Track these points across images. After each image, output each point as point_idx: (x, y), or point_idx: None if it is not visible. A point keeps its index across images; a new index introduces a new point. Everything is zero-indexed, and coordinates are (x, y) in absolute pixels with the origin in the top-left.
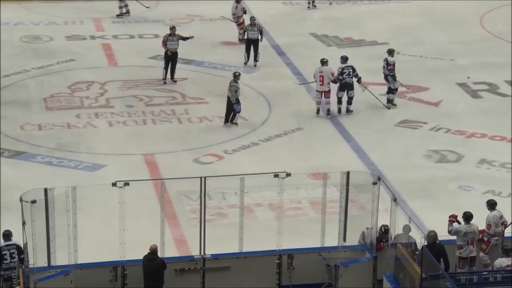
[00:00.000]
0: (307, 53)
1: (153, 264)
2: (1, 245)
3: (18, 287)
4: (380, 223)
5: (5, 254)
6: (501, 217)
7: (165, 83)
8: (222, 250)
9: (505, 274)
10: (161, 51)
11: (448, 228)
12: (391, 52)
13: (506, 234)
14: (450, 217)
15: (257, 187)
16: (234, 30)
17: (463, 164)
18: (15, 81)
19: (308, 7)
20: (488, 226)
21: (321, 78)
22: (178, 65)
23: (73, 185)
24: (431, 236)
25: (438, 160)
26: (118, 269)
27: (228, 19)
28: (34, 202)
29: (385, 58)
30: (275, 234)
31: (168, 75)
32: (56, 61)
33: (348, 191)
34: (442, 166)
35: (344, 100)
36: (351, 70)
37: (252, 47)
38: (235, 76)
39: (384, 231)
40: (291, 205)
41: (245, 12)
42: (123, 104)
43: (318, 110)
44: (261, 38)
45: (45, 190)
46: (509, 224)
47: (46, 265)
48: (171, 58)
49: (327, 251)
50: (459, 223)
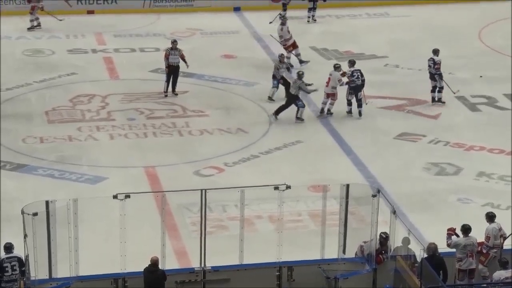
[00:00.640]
0: (307, 66)
1: (154, 276)
2: (2, 258)
3: None
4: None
5: (7, 267)
6: (500, 229)
7: (166, 96)
8: (223, 262)
9: (503, 287)
10: (162, 65)
11: (447, 242)
12: (436, 51)
13: (505, 247)
14: (448, 230)
15: (257, 200)
16: (234, 44)
17: (462, 177)
18: (17, 95)
19: (308, 21)
20: (487, 238)
21: (328, 80)
22: (179, 78)
23: (74, 198)
24: (431, 248)
25: (437, 172)
26: (119, 281)
27: (276, 39)
28: (35, 214)
29: (431, 58)
30: (275, 246)
31: (170, 88)
32: (58, 75)
33: (348, 203)
34: (441, 179)
35: (353, 103)
36: (359, 73)
37: None
38: (299, 76)
39: (385, 238)
40: (291, 218)
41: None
42: (124, 117)
43: (321, 110)
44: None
45: (47, 203)
46: (508, 236)
47: (48, 277)
48: (172, 72)
49: (327, 263)
50: (457, 236)
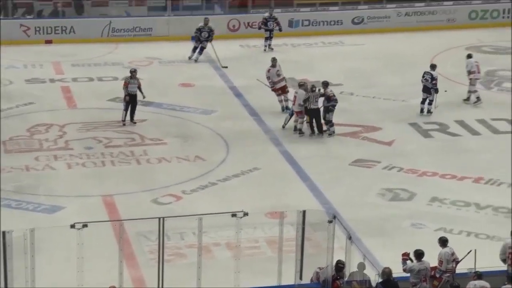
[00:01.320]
0: (264, 94)
1: None
2: None
3: None
4: (335, 261)
5: None
6: (453, 254)
7: (124, 124)
8: None
9: None
10: (121, 94)
11: (403, 267)
12: (433, 66)
13: (457, 271)
14: (403, 255)
15: (215, 227)
16: (191, 72)
17: (415, 202)
18: None
19: (265, 50)
20: (440, 262)
21: (294, 98)
22: (137, 107)
23: (31, 228)
24: (386, 273)
25: (392, 198)
26: None
27: (263, 83)
28: None
29: (428, 72)
30: (233, 273)
31: (128, 117)
32: (16, 105)
33: (304, 229)
34: (395, 205)
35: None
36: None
37: None
38: (313, 91)
39: (342, 266)
40: (248, 244)
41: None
42: (82, 146)
43: (294, 128)
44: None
45: (3, 233)
46: (460, 261)
47: None
48: (131, 100)
49: None
50: (411, 260)
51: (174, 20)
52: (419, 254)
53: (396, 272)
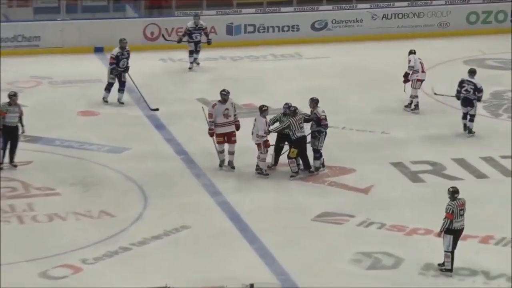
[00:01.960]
0: (194, 125)
1: None
2: None
3: None
4: None
5: None
6: None
7: (1, 168)
8: None
9: None
10: None
11: None
12: (473, 72)
13: None
14: None
15: None
16: (95, 96)
17: (403, 271)
18: None
19: (190, 68)
20: None
21: (254, 126)
22: (19, 144)
23: None
24: None
25: (371, 266)
26: None
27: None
28: None
29: (469, 81)
30: None
31: (6, 158)
32: None
33: None
34: (375, 274)
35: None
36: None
37: None
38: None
39: None
40: None
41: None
42: None
43: (257, 167)
44: None
45: None
46: None
47: None
48: (10, 135)
49: None
50: None
51: (70, 26)
52: None
53: None
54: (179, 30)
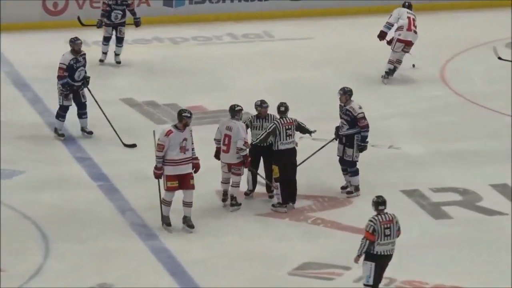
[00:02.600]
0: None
1: None
2: None
3: None
4: None
5: None
6: None
7: None
8: None
9: None
10: None
11: None
12: None
13: None
14: None
15: None
16: None
17: None
18: None
19: (102, 60)
20: None
21: (225, 139)
22: None
23: None
24: None
25: None
26: None
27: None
28: None
29: None
30: None
31: None
32: None
33: None
34: None
35: None
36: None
37: None
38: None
39: None
40: None
41: None
42: None
43: (224, 194)
44: None
45: None
46: None
47: None
48: None
49: None
50: None
51: None
52: None
53: None
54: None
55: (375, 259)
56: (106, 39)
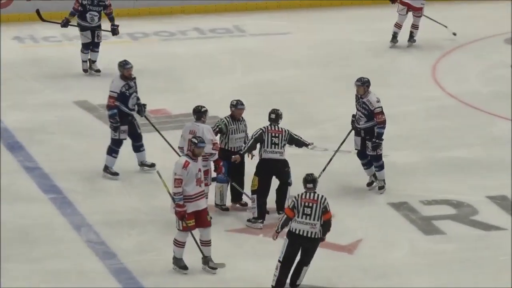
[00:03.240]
0: (72, 144)
1: None
2: None
3: None
4: None
5: None
6: None
7: None
8: None
9: None
10: None
11: None
12: None
13: None
14: None
15: None
16: None
17: None
18: None
19: (85, 70)
20: None
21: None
22: None
23: None
24: None
25: None
26: None
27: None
28: None
29: None
30: None
31: None
32: None
33: None
34: None
35: None
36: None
37: None
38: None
39: None
40: None
41: None
42: None
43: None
44: None
45: None
46: None
47: None
48: None
49: None
50: None
51: None
52: None
53: None
54: None
55: (289, 236)
56: (85, 46)
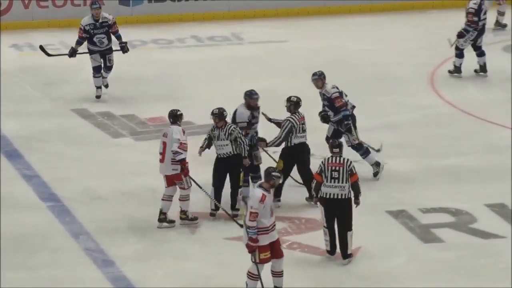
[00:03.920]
0: (71, 152)
1: None
2: None
3: None
4: None
5: None
6: None
7: None
8: None
9: None
10: None
11: None
12: None
13: None
14: None
15: None
16: None
17: None
18: None
19: (98, 96)
20: None
21: (161, 147)
22: None
23: None
24: None
25: None
26: None
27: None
28: None
29: None
30: None
31: None
32: None
33: None
34: None
35: None
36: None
37: None
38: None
39: None
40: None
41: None
42: None
43: (160, 213)
44: None
45: None
46: None
47: None
48: None
49: None
50: None
51: None
52: None
53: None
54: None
55: (322, 202)
56: (96, 69)
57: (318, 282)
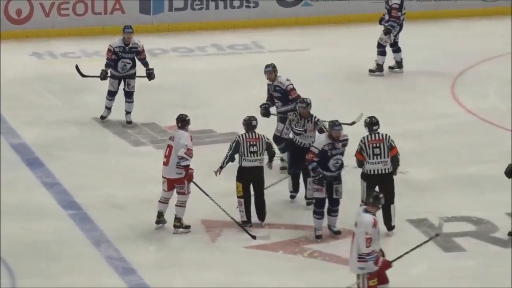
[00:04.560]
0: (91, 160)
1: None
2: None
3: None
4: None
5: None
6: None
7: None
8: None
9: None
10: None
11: None
12: None
13: None
14: None
15: None
16: None
17: None
18: None
19: (103, 117)
20: None
21: (166, 150)
22: None
23: None
24: None
25: None
26: None
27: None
28: None
29: None
30: None
31: None
32: None
33: None
34: None
35: None
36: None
37: None
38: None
39: None
40: None
41: None
42: None
43: (158, 215)
44: None
45: None
46: None
47: None
48: None
49: None
50: None
51: None
52: None
53: None
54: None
55: (365, 178)
56: (110, 94)
57: None
